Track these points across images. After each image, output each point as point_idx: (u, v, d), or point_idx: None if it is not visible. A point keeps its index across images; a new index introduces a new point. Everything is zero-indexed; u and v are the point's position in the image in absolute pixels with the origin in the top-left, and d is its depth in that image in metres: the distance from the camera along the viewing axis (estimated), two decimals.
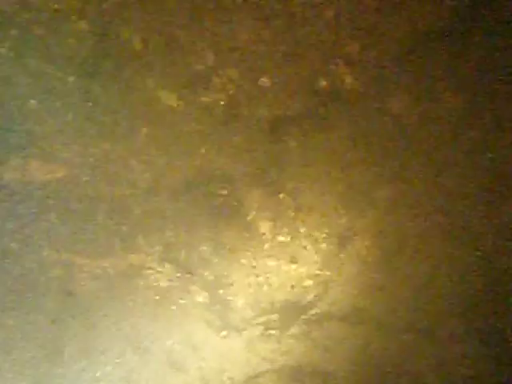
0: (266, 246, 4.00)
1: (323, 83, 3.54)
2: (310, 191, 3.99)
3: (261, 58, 3.41)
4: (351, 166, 3.87)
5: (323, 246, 3.99)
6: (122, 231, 3.79)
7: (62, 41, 3.21)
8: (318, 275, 4.01)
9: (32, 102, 3.30)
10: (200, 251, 3.96)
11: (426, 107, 3.64)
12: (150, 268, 3.85)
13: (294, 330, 3.98)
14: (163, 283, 3.87)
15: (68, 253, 3.68)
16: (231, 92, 3.48)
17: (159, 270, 3.86)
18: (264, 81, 3.45)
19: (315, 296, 4.02)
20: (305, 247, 4.03)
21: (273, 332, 3.98)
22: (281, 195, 3.99)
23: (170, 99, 3.41)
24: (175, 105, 3.43)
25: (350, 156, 3.83)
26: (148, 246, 3.84)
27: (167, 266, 3.89)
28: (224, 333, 3.94)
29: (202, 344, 3.92)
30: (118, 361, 3.92)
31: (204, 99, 3.47)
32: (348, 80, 3.54)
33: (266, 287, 4.01)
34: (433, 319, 4.04)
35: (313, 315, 3.99)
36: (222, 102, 3.43)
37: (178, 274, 3.90)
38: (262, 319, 4.00)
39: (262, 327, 4.00)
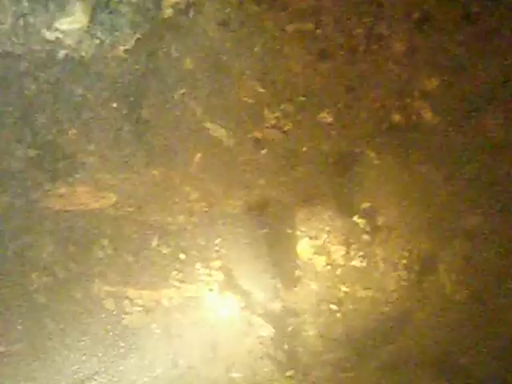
0: (339, 271, 3.54)
1: (397, 118, 3.08)
2: (387, 212, 3.51)
3: (319, 92, 3.04)
4: (436, 186, 3.38)
5: (403, 273, 3.49)
6: (179, 260, 3.45)
7: (104, 63, 2.90)
8: (396, 307, 3.51)
9: (73, 131, 3.00)
10: (264, 280, 3.57)
11: None
12: (209, 299, 3.48)
13: (366, 374, 3.50)
14: (224, 316, 3.48)
15: (120, 284, 3.36)
16: (287, 128, 3.07)
17: (220, 300, 3.48)
18: (324, 116, 3.02)
19: (392, 331, 3.54)
20: (382, 273, 3.53)
21: (344, 375, 3.53)
22: (354, 217, 3.54)
23: (218, 133, 3.04)
24: (224, 139, 3.05)
25: (434, 176, 3.33)
26: (207, 275, 3.48)
27: (228, 295, 3.49)
28: (290, 372, 3.53)
29: None
30: None
31: (257, 135, 3.08)
32: (427, 115, 3.07)
33: (339, 316, 3.54)
34: None
35: (388, 357, 3.50)
36: (277, 139, 3.05)
37: (241, 305, 3.49)
38: (332, 356, 3.56)
39: (331, 367, 3.56)
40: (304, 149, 3.11)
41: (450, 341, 3.38)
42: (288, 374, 3.47)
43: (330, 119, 3.06)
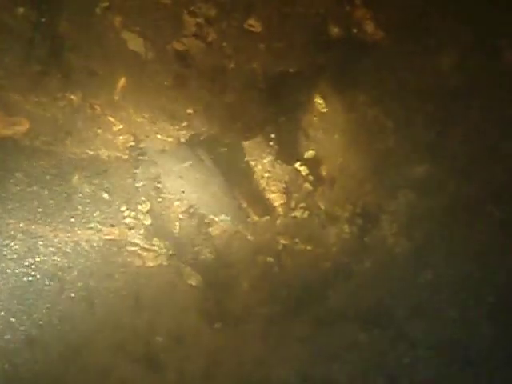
0: (278, 222, 3.32)
1: (335, 31, 2.78)
2: (332, 161, 3.29)
3: None
4: (385, 133, 3.14)
5: (345, 226, 3.26)
6: (102, 199, 3.14)
7: None
8: (335, 261, 3.29)
9: None
10: (196, 227, 3.29)
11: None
12: (134, 244, 3.19)
13: (299, 329, 3.27)
14: (150, 263, 3.19)
15: (34, 223, 3.04)
16: (210, 38, 2.74)
17: (146, 246, 3.18)
18: (252, 24, 2.70)
19: (329, 285, 3.32)
20: (323, 226, 3.31)
21: (275, 329, 3.29)
22: (296, 164, 3.31)
23: (135, 44, 2.69)
24: (142, 51, 2.71)
25: (382, 121, 3.09)
26: (133, 218, 3.18)
27: (156, 241, 3.21)
28: (218, 325, 3.28)
29: (191, 337, 3.25)
30: None
31: (176, 46, 2.74)
32: (369, 27, 2.77)
33: (276, 269, 3.28)
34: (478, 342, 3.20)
35: (323, 312, 3.28)
36: (200, 52, 2.70)
37: (169, 252, 3.22)
38: (265, 310, 3.32)
39: (263, 320, 3.31)
40: (232, 65, 2.80)
41: (386, 295, 3.18)
42: (216, 326, 3.23)
43: (258, 28, 2.74)
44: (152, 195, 3.22)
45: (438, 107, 3.04)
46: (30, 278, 3.09)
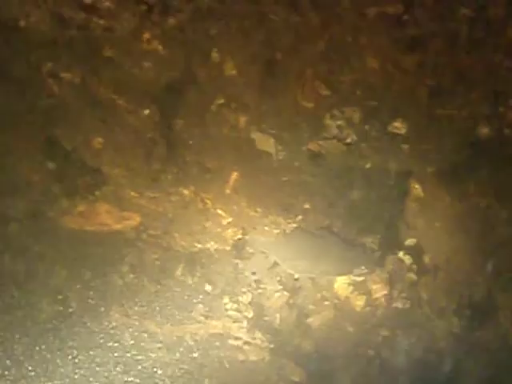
0: (379, 312, 3.19)
1: (484, 131, 2.71)
2: (436, 249, 3.17)
3: (396, 95, 2.66)
4: (497, 224, 3.02)
5: (453, 318, 3.11)
6: (205, 292, 3.10)
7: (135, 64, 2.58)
8: (442, 356, 3.12)
9: (98, 139, 2.69)
10: (297, 319, 3.20)
11: None
12: (237, 338, 3.11)
13: None
14: (253, 357, 3.10)
15: (139, 317, 3.01)
16: (349, 140, 2.71)
17: (248, 340, 3.11)
18: (397, 126, 2.66)
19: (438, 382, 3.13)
20: (427, 317, 3.17)
21: None
22: (400, 253, 3.20)
23: (266, 144, 2.70)
24: (273, 152, 2.71)
25: (494, 213, 2.98)
26: (235, 310, 3.11)
27: (258, 334, 3.13)
28: None
29: None
30: None
31: (312, 147, 2.73)
32: None
33: (377, 361, 3.12)
34: None
35: None
36: (336, 153, 2.68)
37: (271, 346, 3.12)
38: None
39: None
40: (368, 165, 2.75)
41: None
42: None
43: (403, 130, 2.69)
44: (253, 286, 3.16)
45: None
46: (136, 373, 3.02)
